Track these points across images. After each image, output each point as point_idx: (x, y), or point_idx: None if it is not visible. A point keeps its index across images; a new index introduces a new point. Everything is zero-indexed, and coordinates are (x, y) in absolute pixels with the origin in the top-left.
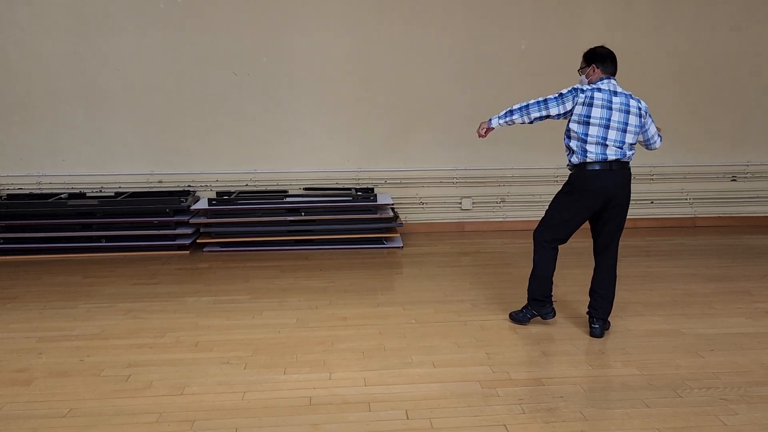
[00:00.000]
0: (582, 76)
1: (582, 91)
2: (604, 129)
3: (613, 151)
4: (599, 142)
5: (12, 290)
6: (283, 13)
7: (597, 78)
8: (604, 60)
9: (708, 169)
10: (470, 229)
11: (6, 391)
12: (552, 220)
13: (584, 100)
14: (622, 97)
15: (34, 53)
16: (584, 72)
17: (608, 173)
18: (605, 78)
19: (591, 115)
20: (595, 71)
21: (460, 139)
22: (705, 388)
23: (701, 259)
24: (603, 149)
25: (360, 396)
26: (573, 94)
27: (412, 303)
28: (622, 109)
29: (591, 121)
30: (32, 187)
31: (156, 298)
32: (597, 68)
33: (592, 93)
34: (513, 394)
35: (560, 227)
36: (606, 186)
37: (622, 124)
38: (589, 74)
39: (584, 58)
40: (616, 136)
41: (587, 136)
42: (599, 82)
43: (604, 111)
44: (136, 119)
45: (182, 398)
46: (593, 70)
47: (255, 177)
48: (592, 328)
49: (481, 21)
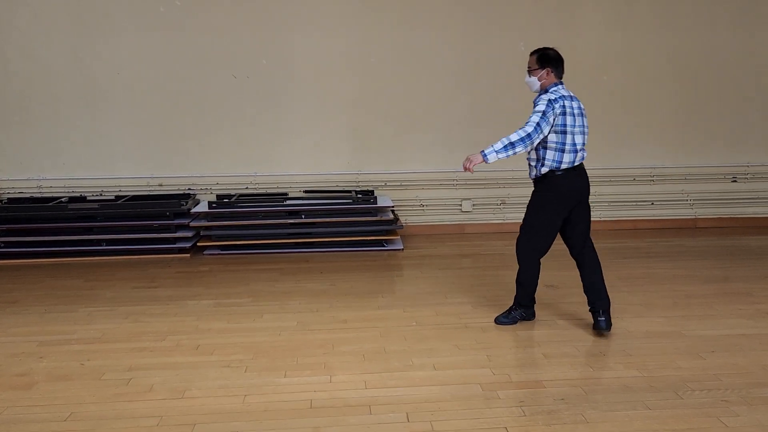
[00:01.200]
0: (533, 77)
1: (555, 101)
2: (575, 135)
3: (581, 155)
4: (573, 149)
5: (13, 294)
6: (282, 16)
7: (551, 82)
8: (558, 64)
9: (708, 170)
10: (470, 231)
11: (7, 395)
12: (535, 231)
13: (559, 110)
14: (576, 101)
15: (33, 55)
16: (537, 74)
17: (579, 175)
18: (559, 83)
19: (566, 123)
20: (549, 75)
21: (460, 140)
22: (706, 389)
23: (702, 261)
24: (575, 155)
25: (361, 399)
26: (551, 107)
27: (413, 305)
28: (580, 113)
29: (567, 129)
30: (33, 191)
31: (156, 302)
32: (551, 72)
33: (563, 102)
34: (514, 396)
35: (544, 237)
36: (580, 188)
37: (583, 128)
38: (542, 77)
39: (537, 60)
40: (581, 140)
41: (565, 144)
42: (556, 87)
43: (572, 118)
44: (137, 122)
45: (183, 401)
46: (547, 73)
47: (255, 180)
48: (598, 322)
49: (480, 22)
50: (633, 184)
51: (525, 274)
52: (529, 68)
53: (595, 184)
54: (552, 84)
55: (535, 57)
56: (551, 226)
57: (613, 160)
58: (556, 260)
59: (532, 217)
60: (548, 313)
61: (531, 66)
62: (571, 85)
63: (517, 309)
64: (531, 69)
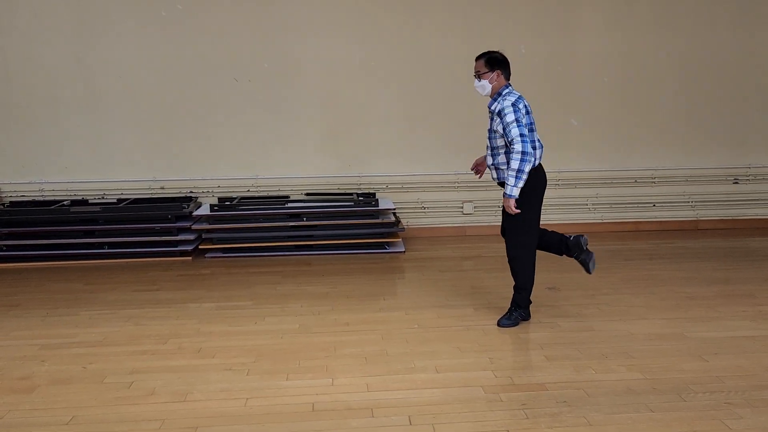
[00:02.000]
0: (484, 81)
1: (518, 103)
2: (535, 132)
3: (541, 151)
4: (539, 146)
5: (14, 297)
6: (284, 19)
7: (502, 84)
8: (506, 66)
9: (710, 172)
10: (472, 233)
11: (8, 398)
12: (524, 231)
13: (524, 110)
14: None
15: (35, 59)
16: (487, 77)
17: (543, 170)
18: (509, 85)
19: (532, 122)
20: (499, 77)
21: (461, 143)
22: (709, 392)
23: (704, 262)
24: (540, 151)
25: (363, 402)
26: (519, 111)
27: (415, 308)
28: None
29: (533, 127)
30: (35, 195)
31: (158, 305)
32: (501, 74)
33: (523, 101)
34: (516, 399)
35: (533, 233)
36: (546, 181)
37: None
38: (492, 80)
39: (486, 63)
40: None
41: (534, 141)
42: (509, 89)
43: (530, 116)
44: (139, 125)
45: (185, 405)
46: (498, 75)
47: (256, 182)
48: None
49: (481, 25)
50: (634, 186)
51: (525, 277)
52: (478, 72)
53: (596, 186)
54: (504, 86)
55: (483, 60)
56: (536, 220)
57: (614, 162)
58: (556, 262)
59: (518, 219)
60: (550, 315)
61: (480, 70)
62: (572, 87)
63: (517, 310)
64: (481, 73)
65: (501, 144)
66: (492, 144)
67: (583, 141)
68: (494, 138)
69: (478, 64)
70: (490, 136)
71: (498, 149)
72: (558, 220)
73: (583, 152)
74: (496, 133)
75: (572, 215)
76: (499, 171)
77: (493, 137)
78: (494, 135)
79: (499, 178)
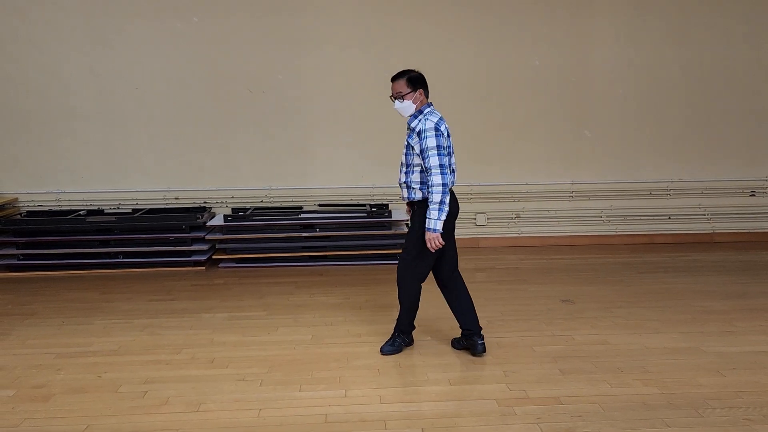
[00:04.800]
0: (407, 101)
1: (439, 125)
2: (452, 156)
3: (454, 176)
4: (453, 170)
5: (31, 306)
6: (297, 31)
7: (424, 104)
8: (426, 84)
9: (726, 184)
10: (485, 245)
11: (25, 406)
12: (422, 258)
13: (446, 132)
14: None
15: (52, 72)
16: (410, 97)
17: (455, 197)
18: (430, 104)
19: (450, 144)
20: (421, 95)
21: (474, 154)
22: (727, 407)
23: (720, 276)
24: (454, 175)
25: (376, 414)
26: (440, 135)
27: (427, 319)
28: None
29: (451, 150)
30: (51, 204)
31: (172, 314)
32: (422, 92)
33: (443, 123)
34: (531, 412)
35: (429, 262)
36: (457, 210)
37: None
38: (416, 99)
39: (408, 82)
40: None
41: (451, 165)
42: (430, 108)
43: (449, 139)
44: (153, 136)
45: (198, 415)
46: (420, 94)
47: (270, 193)
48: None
49: (493, 37)
50: (649, 198)
51: (408, 299)
52: (400, 93)
53: (610, 198)
54: (426, 105)
55: (404, 80)
56: (437, 251)
57: (628, 174)
58: (570, 275)
59: (419, 242)
60: (564, 329)
61: (402, 90)
62: (585, 98)
63: (400, 336)
64: (403, 94)
65: (418, 162)
66: (408, 161)
67: (596, 152)
68: (411, 155)
69: (398, 85)
70: (407, 152)
71: (413, 167)
72: (571, 233)
73: (597, 164)
74: (413, 150)
75: (586, 227)
76: (411, 190)
77: (411, 154)
78: (411, 152)
79: (410, 197)
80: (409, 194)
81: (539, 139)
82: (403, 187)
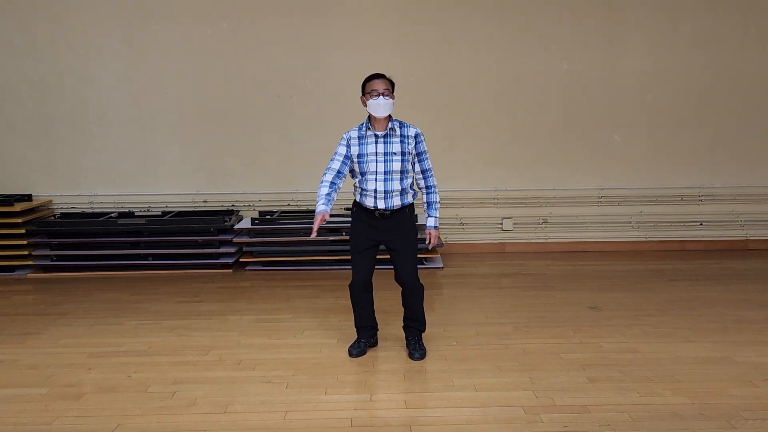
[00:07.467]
0: (391, 100)
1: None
2: None
3: None
4: None
5: (63, 306)
6: (325, 35)
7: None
8: None
9: (760, 191)
10: (511, 250)
11: (57, 405)
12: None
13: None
14: None
15: (87, 78)
16: (392, 98)
17: None
18: None
19: None
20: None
21: (501, 158)
22: (760, 419)
23: (753, 284)
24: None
25: (401, 419)
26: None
27: (453, 324)
28: None
29: None
30: (84, 207)
31: (200, 316)
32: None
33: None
34: (558, 420)
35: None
36: None
37: None
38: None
39: (390, 84)
40: None
41: None
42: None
43: None
44: (183, 141)
45: (225, 416)
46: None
47: (297, 197)
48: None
49: (522, 41)
50: (681, 204)
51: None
52: (388, 91)
53: (641, 203)
54: None
55: (387, 80)
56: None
57: (659, 179)
58: (597, 281)
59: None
60: (591, 336)
61: (388, 88)
62: (615, 103)
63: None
64: (388, 93)
65: (408, 168)
66: (403, 167)
67: (626, 157)
68: (407, 161)
69: (384, 82)
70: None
71: (407, 173)
72: (600, 238)
73: (627, 169)
74: (409, 156)
75: (615, 233)
76: (404, 196)
77: (407, 160)
78: (407, 158)
79: (403, 203)
80: (402, 200)
81: (568, 144)
82: (392, 195)
